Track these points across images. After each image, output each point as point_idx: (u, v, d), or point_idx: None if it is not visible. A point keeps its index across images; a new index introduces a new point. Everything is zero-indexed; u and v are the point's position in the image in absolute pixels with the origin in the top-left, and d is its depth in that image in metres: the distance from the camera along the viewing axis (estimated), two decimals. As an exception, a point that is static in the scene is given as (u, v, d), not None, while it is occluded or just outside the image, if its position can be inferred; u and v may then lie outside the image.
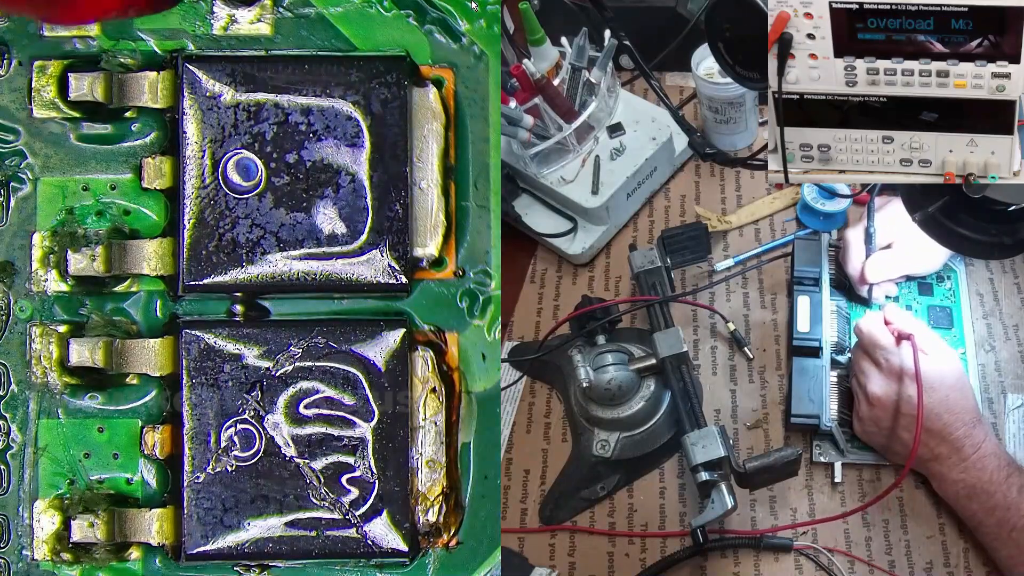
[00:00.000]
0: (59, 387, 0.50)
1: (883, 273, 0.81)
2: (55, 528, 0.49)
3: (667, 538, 0.77)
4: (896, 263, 0.81)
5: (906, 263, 0.82)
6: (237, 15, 0.50)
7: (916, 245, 0.80)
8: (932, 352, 0.74)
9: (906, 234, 0.79)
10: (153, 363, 0.49)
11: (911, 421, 0.73)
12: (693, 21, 0.74)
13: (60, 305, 0.50)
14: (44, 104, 0.49)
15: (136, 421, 0.50)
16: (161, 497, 0.50)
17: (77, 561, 0.49)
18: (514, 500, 0.81)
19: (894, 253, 0.81)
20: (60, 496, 0.50)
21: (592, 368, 0.78)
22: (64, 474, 0.50)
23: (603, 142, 0.94)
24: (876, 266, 0.80)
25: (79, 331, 0.50)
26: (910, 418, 0.73)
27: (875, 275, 0.80)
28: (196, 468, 0.49)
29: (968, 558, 0.74)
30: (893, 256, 0.81)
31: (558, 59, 0.92)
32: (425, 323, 0.51)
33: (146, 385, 0.50)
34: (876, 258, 0.80)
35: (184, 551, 0.49)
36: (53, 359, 0.50)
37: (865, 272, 0.80)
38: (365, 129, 0.49)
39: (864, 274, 0.80)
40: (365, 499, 0.49)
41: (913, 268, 0.83)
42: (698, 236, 0.87)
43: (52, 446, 0.50)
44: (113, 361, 0.49)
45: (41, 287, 0.50)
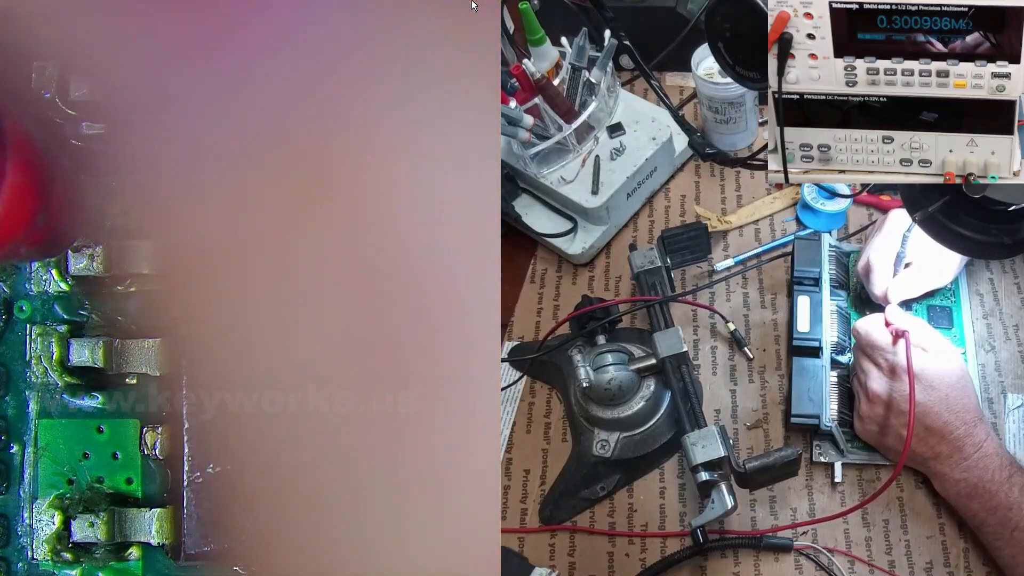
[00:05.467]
0: (59, 387, 0.50)
1: (906, 293, 0.81)
2: (55, 528, 0.49)
3: (667, 538, 0.77)
4: (918, 282, 0.81)
5: (927, 280, 0.82)
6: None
7: (934, 260, 0.81)
8: (933, 351, 0.74)
9: (925, 252, 0.79)
10: (153, 363, 0.49)
11: (907, 418, 0.73)
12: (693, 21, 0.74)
13: (60, 305, 0.50)
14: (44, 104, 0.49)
15: (136, 421, 0.50)
16: (161, 497, 0.50)
17: (77, 561, 0.49)
18: (514, 500, 0.81)
19: (915, 272, 0.81)
20: (60, 496, 0.50)
21: (592, 368, 0.78)
22: (64, 474, 0.50)
23: (603, 142, 0.94)
24: (900, 287, 0.80)
25: (79, 331, 0.50)
26: (905, 416, 0.73)
27: (899, 296, 0.80)
28: (196, 468, 0.49)
29: (968, 558, 0.74)
30: (914, 275, 0.81)
31: (558, 59, 0.92)
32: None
33: (146, 385, 0.50)
34: (899, 279, 0.80)
35: (184, 551, 0.49)
36: (53, 359, 0.50)
37: (890, 294, 0.80)
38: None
39: (888, 295, 0.80)
40: (365, 499, 0.49)
41: (933, 284, 0.83)
42: (698, 236, 0.87)
43: (52, 446, 0.50)
44: (113, 361, 0.49)
45: (41, 287, 0.50)
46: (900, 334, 0.74)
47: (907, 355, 0.73)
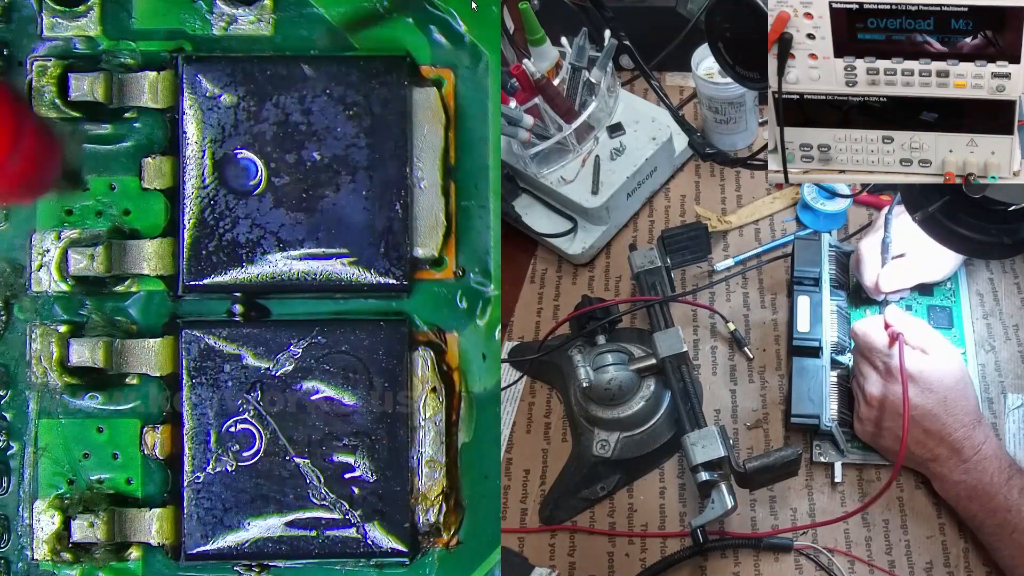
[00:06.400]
0: (59, 387, 0.50)
1: (897, 283, 0.81)
2: (55, 528, 0.49)
3: (667, 538, 0.78)
4: (910, 272, 0.81)
5: (919, 272, 0.82)
6: (237, 15, 0.50)
7: (928, 253, 0.80)
8: (933, 353, 0.74)
9: (919, 243, 0.79)
10: (153, 363, 0.49)
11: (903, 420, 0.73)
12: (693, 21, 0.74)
13: (60, 305, 0.50)
14: (44, 104, 0.49)
15: (136, 421, 0.50)
16: (161, 497, 0.50)
17: (77, 561, 0.49)
18: (514, 500, 0.81)
19: (907, 262, 0.81)
20: (60, 496, 0.50)
21: (592, 368, 0.78)
22: (64, 474, 0.50)
23: (603, 142, 0.94)
24: (890, 276, 0.80)
25: (79, 331, 0.50)
26: (902, 416, 0.73)
27: (889, 285, 0.80)
28: (196, 468, 0.49)
29: (968, 558, 0.74)
30: (907, 265, 0.81)
31: (558, 59, 0.92)
32: (425, 323, 0.51)
33: (146, 385, 0.50)
34: (890, 268, 0.80)
35: (184, 551, 0.49)
36: (53, 359, 0.50)
37: (880, 282, 0.80)
38: (365, 129, 0.49)
39: (879, 284, 0.80)
40: (365, 499, 0.49)
41: (926, 276, 0.83)
42: (698, 236, 0.87)
43: (52, 446, 0.50)
44: (113, 361, 0.49)
45: (41, 287, 0.50)
46: (896, 336, 0.74)
47: (900, 359, 0.73)
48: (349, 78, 0.49)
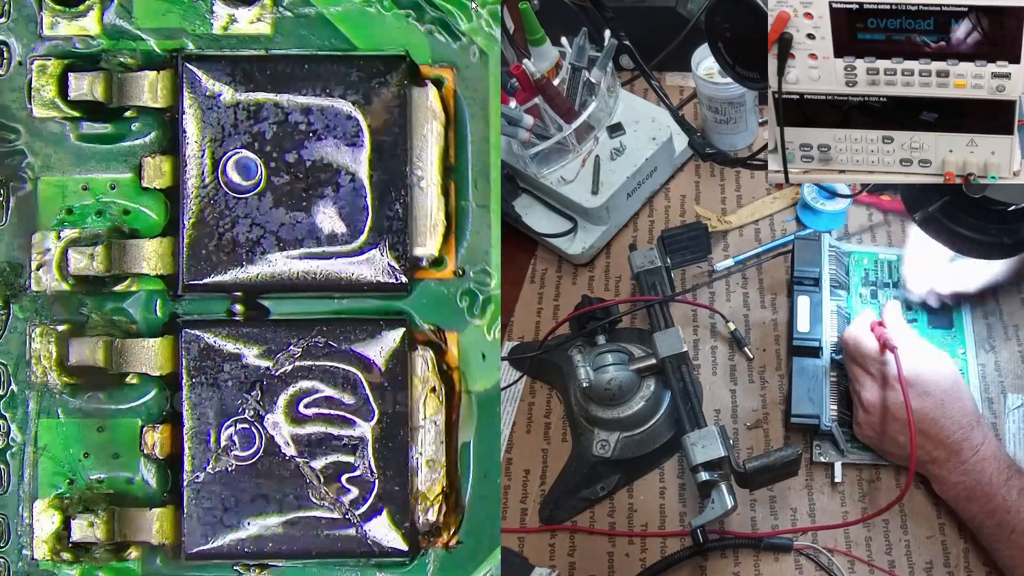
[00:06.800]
0: (59, 387, 0.50)
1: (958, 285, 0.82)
2: (55, 528, 0.49)
3: (667, 538, 0.77)
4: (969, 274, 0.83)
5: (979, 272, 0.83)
6: (237, 15, 0.50)
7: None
8: (925, 358, 0.74)
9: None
10: (153, 363, 0.49)
11: (903, 425, 0.73)
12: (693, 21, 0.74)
13: (60, 305, 0.50)
14: (44, 104, 0.49)
15: (136, 421, 0.50)
16: (161, 497, 0.50)
17: (77, 561, 0.49)
18: (514, 500, 0.81)
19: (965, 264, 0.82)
20: (60, 496, 0.50)
21: (592, 368, 0.78)
22: (64, 474, 0.50)
23: (603, 142, 0.94)
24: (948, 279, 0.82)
25: (79, 331, 0.50)
26: (901, 423, 0.73)
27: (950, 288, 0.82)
28: (196, 468, 0.49)
29: (968, 558, 0.74)
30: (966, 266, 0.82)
31: (558, 59, 0.92)
32: (425, 323, 0.51)
33: (146, 385, 0.50)
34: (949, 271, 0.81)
35: (184, 551, 0.49)
36: (53, 359, 0.50)
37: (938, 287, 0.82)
38: (365, 129, 0.49)
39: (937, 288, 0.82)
40: (365, 498, 0.49)
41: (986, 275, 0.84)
42: (698, 236, 0.87)
43: (52, 446, 0.50)
44: (113, 361, 0.49)
45: (41, 287, 0.50)
46: (890, 347, 0.74)
47: (897, 367, 0.73)
48: (349, 77, 0.49)
